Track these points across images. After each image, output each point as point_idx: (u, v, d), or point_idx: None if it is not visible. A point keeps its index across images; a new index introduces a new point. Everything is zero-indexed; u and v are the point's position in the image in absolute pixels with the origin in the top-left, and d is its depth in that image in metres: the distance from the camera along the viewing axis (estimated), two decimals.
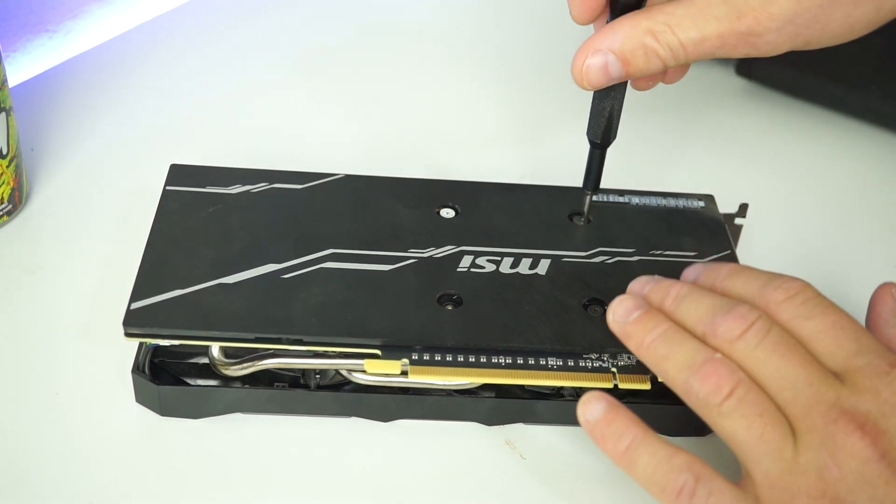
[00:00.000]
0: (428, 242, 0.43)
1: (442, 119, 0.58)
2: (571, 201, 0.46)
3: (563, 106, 0.59)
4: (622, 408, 0.35)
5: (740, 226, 0.47)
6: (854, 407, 0.32)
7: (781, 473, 0.32)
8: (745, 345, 0.33)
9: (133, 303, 0.39)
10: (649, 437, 0.34)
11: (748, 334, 0.33)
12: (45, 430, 0.39)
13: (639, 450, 0.34)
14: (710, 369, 0.33)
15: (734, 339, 0.34)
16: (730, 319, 0.34)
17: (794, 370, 0.33)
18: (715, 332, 0.34)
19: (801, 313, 0.34)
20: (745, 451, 0.33)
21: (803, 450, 0.32)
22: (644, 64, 0.36)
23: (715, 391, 0.33)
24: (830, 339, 0.34)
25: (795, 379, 0.33)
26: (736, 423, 0.33)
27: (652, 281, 0.38)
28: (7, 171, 0.47)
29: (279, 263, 0.41)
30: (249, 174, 0.46)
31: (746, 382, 0.33)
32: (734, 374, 0.33)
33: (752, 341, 0.33)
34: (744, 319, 0.34)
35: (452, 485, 0.39)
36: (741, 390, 0.33)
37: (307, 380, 0.40)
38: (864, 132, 0.59)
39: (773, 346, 0.33)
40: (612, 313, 0.37)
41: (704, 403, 0.33)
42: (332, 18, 0.67)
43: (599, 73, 0.37)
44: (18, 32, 0.60)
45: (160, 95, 0.58)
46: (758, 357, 0.33)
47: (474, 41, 0.66)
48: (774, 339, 0.33)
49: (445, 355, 0.39)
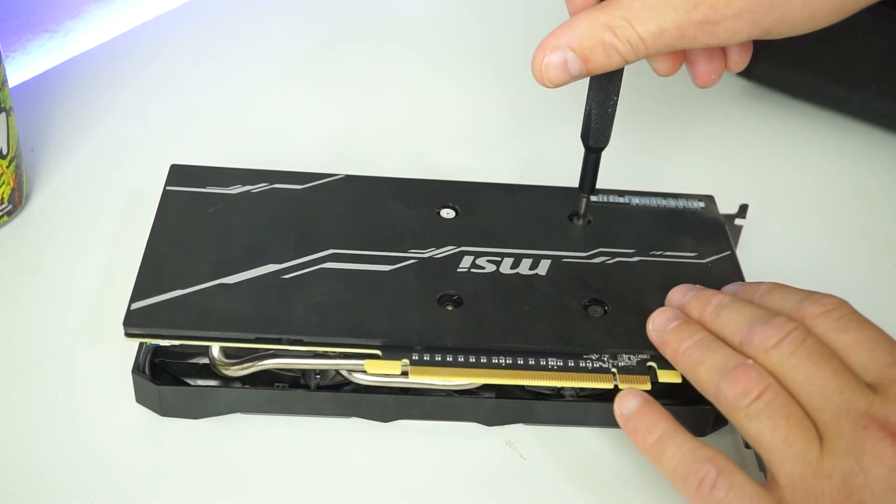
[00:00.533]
0: (428, 243, 0.43)
1: (442, 119, 0.58)
2: (571, 201, 0.46)
3: (564, 106, 0.59)
4: (656, 404, 0.36)
5: (740, 226, 0.47)
6: (885, 416, 0.32)
7: (805, 476, 0.32)
8: (779, 353, 0.34)
9: (133, 303, 0.39)
10: (678, 431, 0.35)
11: (783, 343, 0.34)
12: (46, 430, 0.39)
13: (667, 442, 0.34)
14: (740, 373, 0.34)
15: (769, 348, 0.34)
16: (767, 329, 0.35)
17: (825, 378, 0.33)
18: (751, 341, 0.35)
19: (838, 326, 0.35)
20: (771, 453, 0.33)
21: (829, 455, 0.32)
22: (604, 60, 0.36)
23: (743, 394, 0.33)
24: (866, 351, 0.34)
25: (826, 386, 0.33)
26: (762, 424, 0.33)
27: (693, 290, 0.39)
28: (7, 171, 0.47)
29: (279, 264, 0.41)
30: (249, 174, 0.46)
31: (775, 387, 0.33)
32: (764, 378, 0.34)
33: (786, 350, 0.34)
34: (780, 329, 0.34)
35: (452, 485, 0.39)
36: (770, 394, 0.33)
37: (307, 380, 0.40)
38: (864, 132, 0.59)
39: (806, 354, 0.34)
40: (652, 322, 0.38)
41: (733, 405, 0.34)
42: (332, 18, 0.67)
43: (559, 70, 0.37)
44: (18, 32, 0.60)
45: (160, 95, 0.58)
46: (791, 364, 0.34)
47: (475, 41, 0.66)
48: (809, 349, 0.34)
49: (446, 356, 0.39)
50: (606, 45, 0.36)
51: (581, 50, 0.36)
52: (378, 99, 0.60)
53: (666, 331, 0.38)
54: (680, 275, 0.42)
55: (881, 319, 0.47)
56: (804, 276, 0.49)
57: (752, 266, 0.45)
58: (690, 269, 0.43)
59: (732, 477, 0.33)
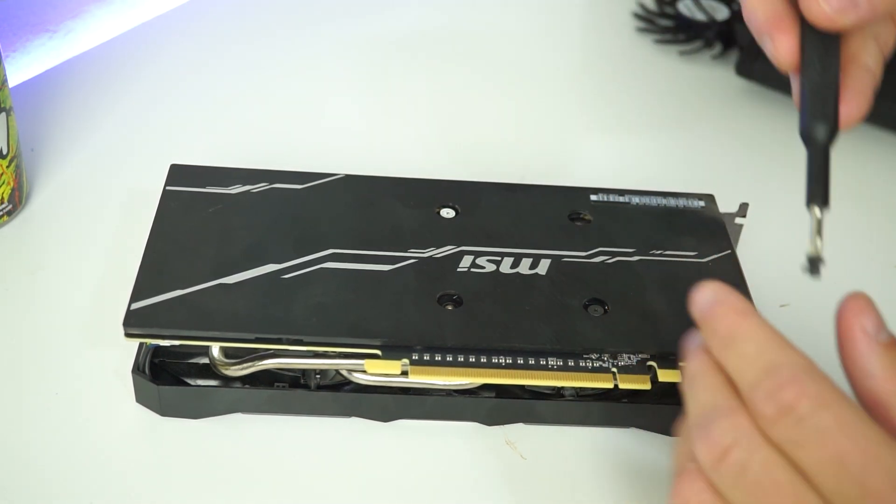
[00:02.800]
0: (428, 242, 0.43)
1: (442, 119, 0.58)
2: (571, 201, 0.46)
3: (564, 106, 0.59)
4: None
5: (740, 226, 0.47)
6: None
7: None
8: (719, 477, 0.29)
9: (133, 303, 0.39)
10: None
11: (723, 467, 0.29)
12: (46, 429, 0.39)
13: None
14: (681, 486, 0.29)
15: (710, 469, 0.29)
16: (704, 441, 0.29)
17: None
18: (694, 446, 0.30)
19: (794, 439, 0.28)
20: None
21: None
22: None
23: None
24: (830, 478, 0.27)
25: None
26: None
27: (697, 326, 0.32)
28: (7, 171, 0.47)
29: (279, 263, 0.41)
30: (249, 174, 0.46)
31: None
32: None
33: (727, 477, 0.29)
34: (716, 446, 0.29)
35: (453, 485, 0.39)
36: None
37: (307, 380, 0.40)
38: (865, 132, 0.59)
39: (752, 487, 0.28)
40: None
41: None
42: (332, 18, 0.67)
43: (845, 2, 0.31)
44: (18, 32, 0.60)
45: (160, 95, 0.58)
46: (736, 498, 0.29)
47: (473, 40, 0.66)
48: (754, 479, 0.28)
49: (445, 355, 0.39)
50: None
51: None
52: (378, 99, 0.60)
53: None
54: (680, 274, 0.42)
55: None
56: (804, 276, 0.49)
57: (752, 266, 0.45)
58: (690, 268, 0.43)
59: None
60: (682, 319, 0.34)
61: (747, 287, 0.42)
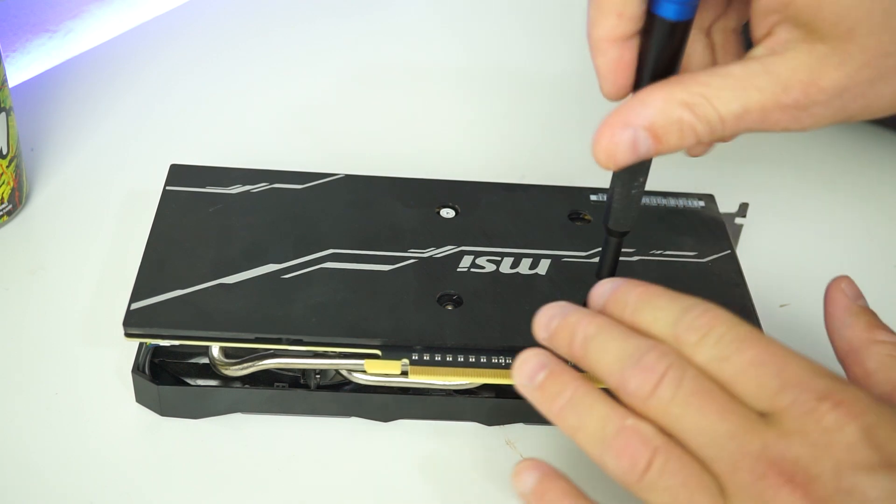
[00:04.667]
0: (428, 242, 0.43)
1: (442, 119, 0.58)
2: (571, 201, 0.46)
3: (564, 106, 0.59)
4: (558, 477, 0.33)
5: (740, 226, 0.47)
6: (782, 455, 0.29)
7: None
8: (657, 401, 0.31)
9: (133, 303, 0.39)
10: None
11: (660, 389, 0.31)
12: (46, 429, 0.39)
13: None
14: (622, 443, 0.31)
15: (646, 397, 0.31)
16: (638, 373, 0.31)
17: (713, 424, 0.30)
18: (626, 388, 0.31)
19: (717, 355, 0.31)
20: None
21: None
22: (677, 140, 0.32)
23: (631, 467, 0.31)
24: (752, 379, 0.30)
25: (715, 433, 0.30)
26: (660, 496, 0.30)
27: (558, 315, 0.35)
28: (7, 171, 0.47)
29: (279, 263, 0.41)
30: (249, 174, 0.46)
31: (664, 450, 0.30)
32: (648, 443, 0.30)
33: (665, 396, 0.30)
34: (653, 372, 0.31)
35: (452, 485, 0.39)
36: (659, 460, 0.30)
37: (307, 380, 0.40)
38: (865, 132, 0.59)
39: (687, 398, 0.30)
40: (516, 376, 0.34)
41: (624, 480, 0.31)
42: (332, 18, 0.67)
43: (627, 150, 0.33)
44: (18, 32, 0.60)
45: (160, 95, 0.58)
46: (674, 413, 0.30)
47: (474, 41, 0.66)
48: (689, 390, 0.30)
49: (445, 355, 0.39)
50: (683, 125, 0.32)
51: (654, 129, 0.32)
52: (378, 98, 0.60)
53: (533, 387, 0.33)
54: (680, 274, 0.42)
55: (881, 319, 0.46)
56: (804, 275, 0.49)
57: (752, 265, 0.45)
58: (690, 268, 0.43)
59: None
60: None
61: (747, 287, 0.42)
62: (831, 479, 0.28)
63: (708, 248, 0.44)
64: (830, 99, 0.32)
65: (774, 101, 0.32)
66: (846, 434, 0.29)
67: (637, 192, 0.36)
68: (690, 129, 0.32)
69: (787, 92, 0.31)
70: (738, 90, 0.32)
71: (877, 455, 0.28)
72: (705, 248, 0.44)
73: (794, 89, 0.31)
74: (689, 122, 0.32)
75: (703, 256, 0.44)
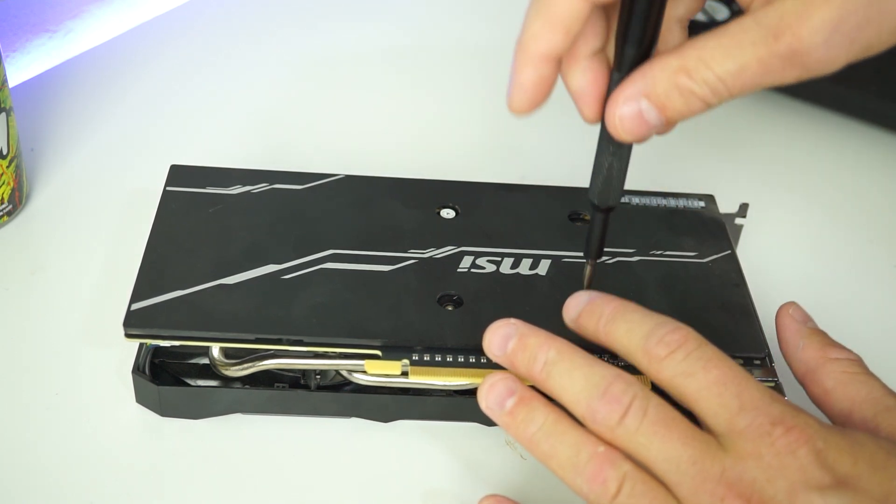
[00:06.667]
0: (428, 243, 0.43)
1: (442, 119, 0.58)
2: (571, 201, 0.46)
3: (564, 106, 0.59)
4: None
5: (740, 226, 0.47)
6: (739, 478, 0.31)
7: None
8: (624, 430, 0.32)
9: (133, 303, 0.39)
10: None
11: (626, 419, 0.32)
12: (46, 429, 0.39)
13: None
14: (594, 468, 0.33)
15: (614, 426, 0.33)
16: (605, 404, 0.33)
17: (676, 450, 0.32)
18: (594, 418, 0.33)
19: (683, 370, 0.33)
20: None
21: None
22: (682, 106, 0.32)
23: (603, 492, 0.32)
24: (714, 397, 0.32)
25: (679, 459, 0.32)
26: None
27: (514, 335, 0.36)
28: (7, 171, 0.47)
29: (279, 264, 0.41)
30: (249, 175, 0.46)
31: (633, 475, 0.32)
32: (618, 468, 0.32)
33: (631, 426, 0.32)
34: (619, 403, 0.33)
35: (452, 485, 0.39)
36: (628, 485, 0.32)
37: (307, 380, 0.40)
38: (864, 132, 0.59)
39: (652, 427, 0.32)
40: (483, 400, 0.35)
41: (596, 502, 0.33)
42: (332, 19, 0.67)
43: (636, 122, 0.33)
44: (18, 32, 0.60)
45: (160, 95, 0.58)
46: (640, 442, 0.32)
47: (473, 41, 0.66)
48: (653, 419, 0.32)
49: (446, 356, 0.39)
50: (682, 90, 0.32)
51: (656, 97, 0.32)
52: (378, 98, 0.60)
53: (503, 412, 0.35)
54: (680, 274, 0.42)
55: (881, 319, 0.47)
56: (804, 275, 0.49)
57: (752, 266, 0.45)
58: (690, 268, 0.43)
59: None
60: (683, 320, 0.34)
61: (747, 287, 0.42)
62: (785, 499, 0.30)
63: (708, 249, 0.44)
64: (829, 37, 0.30)
65: (769, 52, 0.31)
66: (798, 457, 0.31)
67: (620, 165, 0.36)
68: (691, 94, 0.32)
69: (779, 39, 0.31)
70: (732, 48, 0.31)
71: (828, 475, 0.30)
72: (705, 249, 0.44)
73: (785, 35, 0.30)
74: (687, 86, 0.32)
75: (704, 256, 0.44)
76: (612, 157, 0.36)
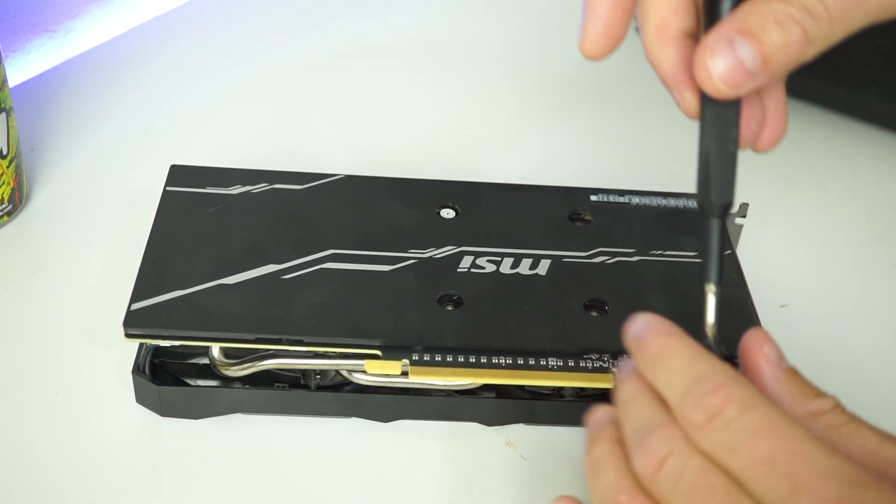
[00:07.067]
0: (428, 243, 0.43)
1: (442, 119, 0.58)
2: (571, 201, 0.46)
3: (563, 106, 0.59)
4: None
5: (740, 226, 0.47)
6: None
7: None
8: (658, 488, 0.29)
9: (133, 303, 0.39)
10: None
11: (661, 475, 0.29)
12: (46, 429, 0.39)
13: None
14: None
15: (649, 479, 0.29)
16: (640, 454, 0.30)
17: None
18: (634, 463, 0.30)
19: (724, 443, 0.28)
20: None
21: None
22: (782, 40, 0.28)
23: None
24: (761, 477, 0.28)
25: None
26: None
27: (626, 368, 0.33)
28: (7, 171, 0.47)
29: (279, 264, 0.41)
30: (249, 175, 0.46)
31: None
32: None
33: (665, 486, 0.29)
34: (653, 457, 0.29)
35: (452, 485, 0.39)
36: None
37: (307, 380, 0.40)
38: (864, 132, 0.59)
39: (688, 493, 0.28)
40: (586, 421, 0.33)
41: None
42: (332, 18, 0.67)
43: (730, 65, 0.29)
44: (18, 32, 0.60)
45: (160, 95, 0.58)
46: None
47: (473, 41, 0.66)
48: (690, 485, 0.28)
49: (446, 356, 0.39)
50: (778, 16, 0.28)
51: (749, 31, 0.28)
52: (378, 99, 0.60)
53: (586, 434, 0.33)
54: (680, 274, 0.42)
55: (881, 319, 0.47)
56: (804, 276, 0.49)
57: (752, 266, 0.45)
58: (691, 268, 0.43)
59: None
60: (683, 320, 0.34)
61: (747, 287, 0.42)
62: None
63: None
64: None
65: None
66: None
67: (733, 149, 0.31)
68: (790, 20, 0.29)
69: None
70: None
71: None
72: None
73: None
74: (783, 11, 0.28)
75: None
76: (708, 141, 0.31)
